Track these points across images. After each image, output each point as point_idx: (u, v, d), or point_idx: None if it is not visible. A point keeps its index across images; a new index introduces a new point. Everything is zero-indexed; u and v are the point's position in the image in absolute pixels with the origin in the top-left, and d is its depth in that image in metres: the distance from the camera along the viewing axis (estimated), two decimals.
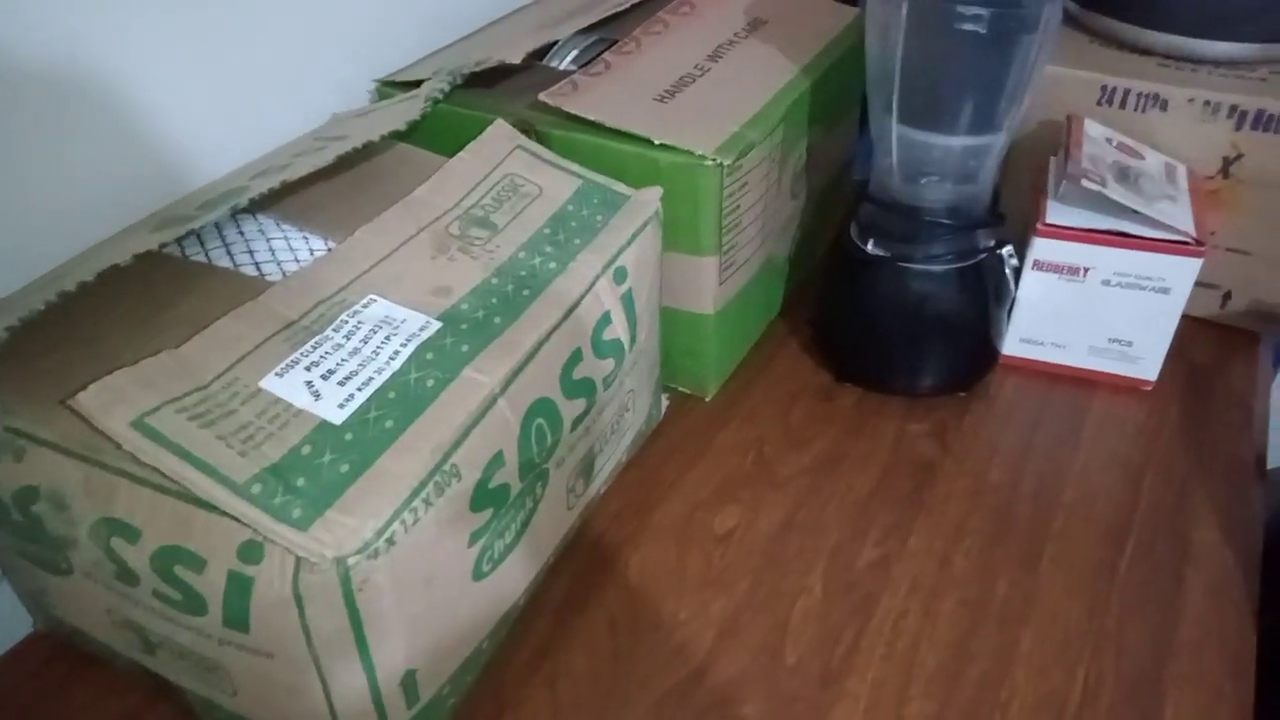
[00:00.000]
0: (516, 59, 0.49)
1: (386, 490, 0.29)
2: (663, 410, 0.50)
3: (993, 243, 0.48)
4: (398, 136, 0.46)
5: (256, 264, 0.39)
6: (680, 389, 0.53)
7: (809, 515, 0.46)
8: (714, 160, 0.44)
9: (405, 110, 0.46)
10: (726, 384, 0.53)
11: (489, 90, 0.50)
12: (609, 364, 0.40)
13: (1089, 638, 0.40)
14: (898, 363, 0.51)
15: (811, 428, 0.51)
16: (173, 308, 0.35)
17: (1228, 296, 0.55)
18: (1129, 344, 0.51)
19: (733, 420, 0.52)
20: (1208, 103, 0.49)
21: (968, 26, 0.40)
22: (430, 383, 0.32)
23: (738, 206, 0.47)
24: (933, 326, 0.49)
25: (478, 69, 0.49)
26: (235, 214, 0.41)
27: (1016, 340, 0.53)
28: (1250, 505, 0.46)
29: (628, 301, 0.41)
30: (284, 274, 0.38)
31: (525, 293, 0.37)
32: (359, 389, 0.31)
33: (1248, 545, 0.44)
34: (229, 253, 0.39)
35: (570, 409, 0.37)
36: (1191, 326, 0.54)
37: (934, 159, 0.45)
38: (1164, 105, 0.51)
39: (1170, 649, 0.40)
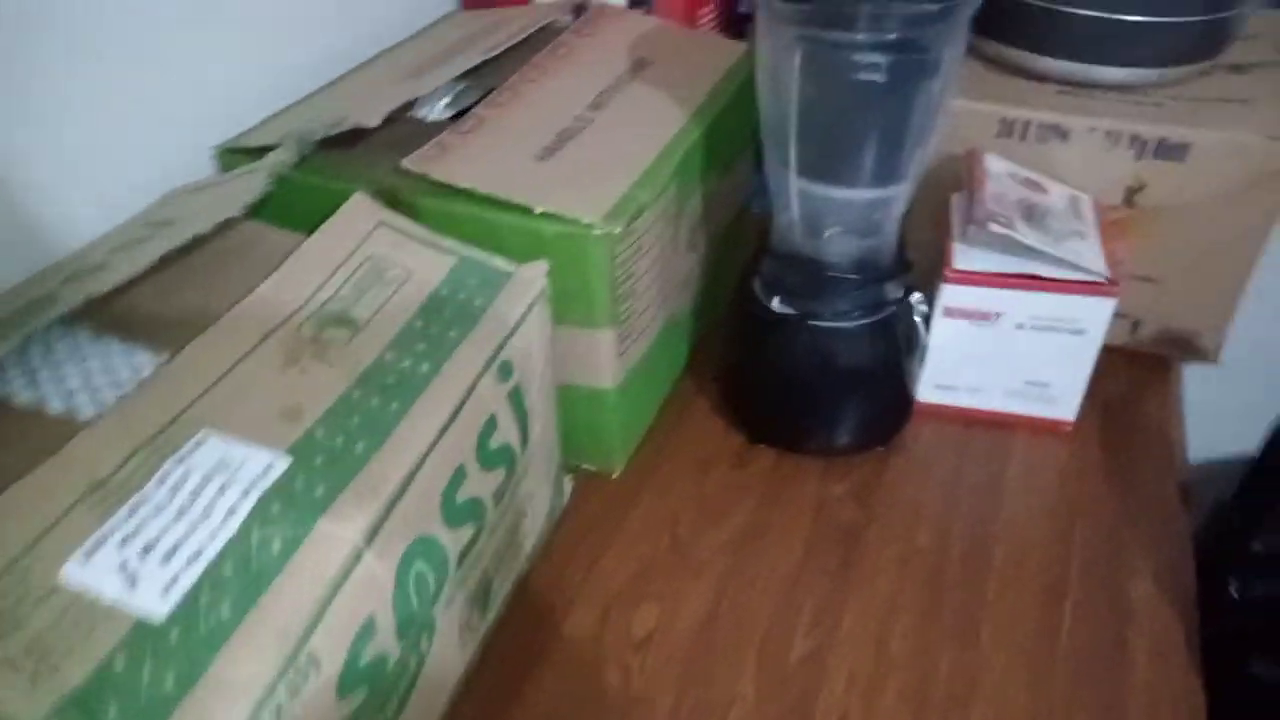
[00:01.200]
0: (374, 122, 0.43)
1: (222, 709, 0.23)
2: (565, 497, 0.46)
3: (901, 293, 0.46)
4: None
5: (67, 394, 0.33)
6: (585, 467, 0.48)
7: (732, 604, 0.42)
8: (603, 229, 0.39)
9: (245, 189, 0.40)
10: (634, 455, 0.49)
11: (350, 150, 0.45)
12: (499, 475, 0.35)
13: (1037, 718, 0.38)
14: (812, 422, 0.48)
15: (728, 499, 0.47)
16: None
17: (1137, 324, 0.53)
18: (1046, 385, 0.49)
19: (643, 496, 0.48)
20: (1109, 132, 0.48)
21: (865, 76, 0.37)
22: (276, 545, 0.27)
23: (633, 273, 0.43)
24: (845, 383, 0.46)
25: (330, 134, 0.43)
26: (45, 329, 0.34)
27: (931, 386, 0.50)
28: (1182, 545, 0.45)
29: (516, 399, 0.37)
30: (98, 408, 0.32)
31: (394, 406, 0.32)
32: (186, 565, 0.26)
33: (1184, 594, 0.42)
34: (34, 382, 0.33)
35: (455, 540, 0.33)
36: (1103, 356, 0.52)
37: (837, 213, 0.42)
38: (1064, 135, 0.49)
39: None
